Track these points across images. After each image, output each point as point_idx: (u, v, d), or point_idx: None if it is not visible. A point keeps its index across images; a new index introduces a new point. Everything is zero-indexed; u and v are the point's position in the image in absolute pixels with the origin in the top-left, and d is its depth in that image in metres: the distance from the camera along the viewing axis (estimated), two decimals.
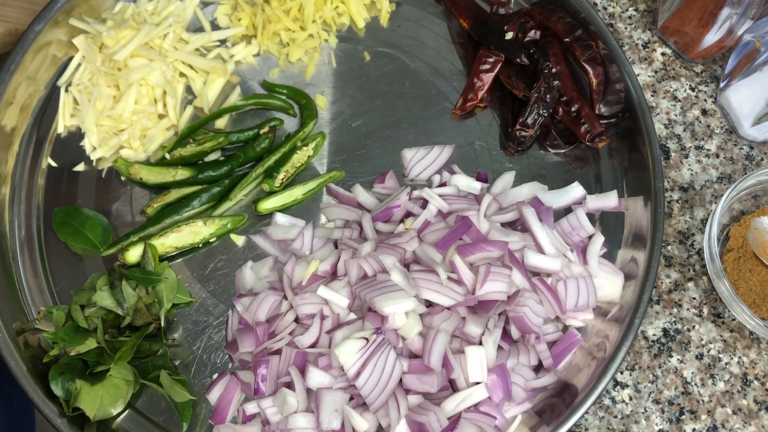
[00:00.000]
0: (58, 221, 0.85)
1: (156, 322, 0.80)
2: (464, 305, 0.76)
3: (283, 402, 0.74)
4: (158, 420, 0.79)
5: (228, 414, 0.78)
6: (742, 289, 0.85)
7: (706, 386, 0.85)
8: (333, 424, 0.73)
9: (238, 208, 0.89)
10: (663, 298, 0.88)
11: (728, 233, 0.89)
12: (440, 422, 0.72)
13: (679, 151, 0.95)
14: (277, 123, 0.92)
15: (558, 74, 0.91)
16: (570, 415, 0.75)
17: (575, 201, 0.88)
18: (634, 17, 1.03)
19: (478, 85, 0.92)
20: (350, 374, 0.71)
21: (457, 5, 0.96)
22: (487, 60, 0.92)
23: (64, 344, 0.76)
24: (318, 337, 0.77)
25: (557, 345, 0.81)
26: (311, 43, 0.95)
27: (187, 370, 0.81)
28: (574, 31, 0.93)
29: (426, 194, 0.84)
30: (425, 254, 0.78)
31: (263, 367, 0.76)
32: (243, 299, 0.82)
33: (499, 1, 0.97)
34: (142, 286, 0.80)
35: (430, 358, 0.72)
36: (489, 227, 0.81)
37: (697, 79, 0.99)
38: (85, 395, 0.75)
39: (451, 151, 0.91)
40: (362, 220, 0.83)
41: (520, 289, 0.77)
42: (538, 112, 0.89)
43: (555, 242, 0.82)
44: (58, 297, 0.84)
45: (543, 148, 0.92)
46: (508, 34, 0.93)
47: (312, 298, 0.78)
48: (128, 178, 0.87)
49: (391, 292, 0.74)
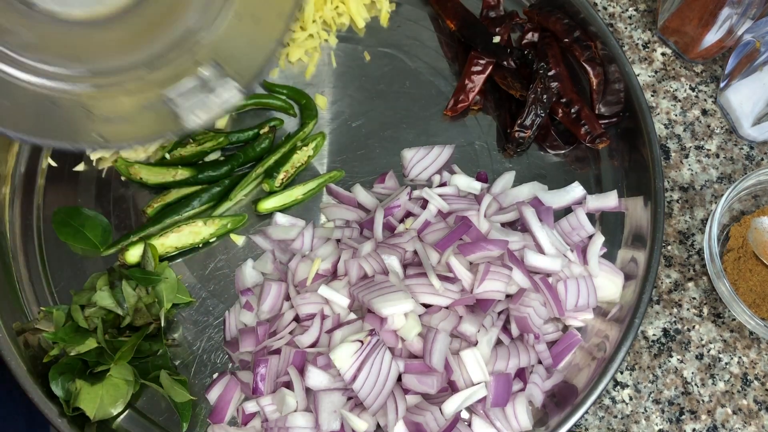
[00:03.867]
0: (58, 221, 0.85)
1: (156, 322, 0.80)
2: (462, 304, 0.76)
3: (282, 402, 0.74)
4: (158, 420, 0.79)
5: (227, 414, 0.78)
6: (742, 289, 0.85)
7: (706, 386, 0.85)
8: (332, 425, 0.73)
9: (238, 208, 0.89)
10: (663, 298, 0.88)
11: (728, 233, 0.89)
12: (437, 422, 0.72)
13: (679, 151, 0.95)
14: (277, 123, 0.92)
15: (557, 75, 0.91)
16: (570, 415, 0.75)
17: (575, 201, 0.88)
18: (634, 17, 1.03)
19: (469, 87, 0.92)
20: (347, 377, 0.71)
21: (444, 7, 0.96)
22: (478, 62, 0.92)
23: (64, 344, 0.77)
24: (318, 337, 0.77)
25: (557, 345, 0.81)
26: (311, 43, 0.95)
27: (187, 370, 0.81)
28: (573, 31, 0.93)
29: (426, 194, 0.84)
30: (425, 254, 0.78)
31: (262, 367, 0.76)
32: (248, 294, 0.82)
33: (489, 4, 0.97)
34: (142, 286, 0.80)
35: (432, 359, 0.72)
36: (489, 227, 0.81)
37: (697, 79, 0.99)
38: (85, 395, 0.75)
39: (451, 151, 0.91)
40: (375, 214, 0.83)
41: (525, 290, 0.77)
42: (535, 113, 0.89)
43: (555, 242, 0.82)
44: (58, 297, 0.84)
45: (543, 149, 0.93)
46: (496, 38, 0.92)
47: (313, 298, 0.78)
48: (128, 178, 0.87)
49: (389, 293, 0.74)
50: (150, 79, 0.71)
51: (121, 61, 0.70)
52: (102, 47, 0.71)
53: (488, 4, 0.97)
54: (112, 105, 0.70)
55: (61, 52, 0.69)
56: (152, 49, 0.71)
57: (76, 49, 0.70)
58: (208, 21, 0.71)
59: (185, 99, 0.70)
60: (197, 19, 0.70)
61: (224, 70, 0.70)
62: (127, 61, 0.70)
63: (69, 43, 0.70)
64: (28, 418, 0.91)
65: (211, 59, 0.71)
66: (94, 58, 0.70)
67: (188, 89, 0.70)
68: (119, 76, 0.70)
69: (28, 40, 0.68)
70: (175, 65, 0.71)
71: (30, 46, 0.68)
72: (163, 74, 0.71)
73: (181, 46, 0.71)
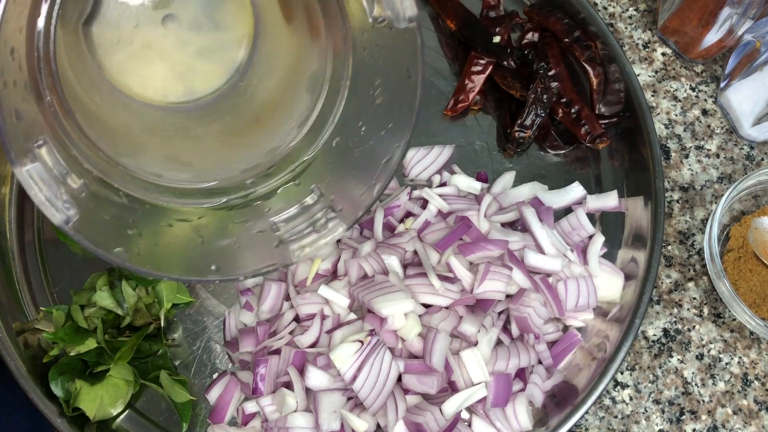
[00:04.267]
0: None
1: (156, 322, 0.80)
2: (462, 304, 0.76)
3: (282, 402, 0.74)
4: (158, 420, 0.79)
5: (227, 414, 0.78)
6: (742, 289, 0.85)
7: (707, 386, 0.85)
8: (332, 426, 0.73)
9: None
10: (663, 298, 0.88)
11: (728, 233, 0.89)
12: (437, 422, 0.72)
13: (679, 151, 0.95)
14: None
15: (557, 75, 0.91)
16: (570, 415, 0.75)
17: (575, 201, 0.88)
18: (635, 17, 1.03)
19: (469, 87, 0.92)
20: (347, 378, 0.71)
21: (444, 7, 0.96)
22: (478, 62, 0.92)
23: (64, 344, 0.77)
24: (318, 337, 0.77)
25: (557, 345, 0.81)
26: None
27: (187, 370, 0.81)
28: (573, 31, 0.93)
29: (426, 194, 0.84)
30: (425, 254, 0.78)
31: (262, 367, 0.76)
32: (248, 294, 0.82)
33: (489, 4, 0.97)
34: (142, 286, 0.80)
35: (432, 359, 0.72)
36: (489, 227, 0.81)
37: (697, 79, 0.99)
38: (85, 395, 0.75)
39: (451, 151, 0.91)
40: (375, 214, 0.83)
41: (525, 290, 0.77)
42: (536, 113, 0.89)
43: (555, 242, 0.82)
44: (58, 297, 0.84)
45: (543, 149, 0.92)
46: (496, 38, 0.92)
47: (313, 298, 0.78)
48: None
49: (389, 293, 0.74)
50: (252, 196, 0.69)
51: (222, 166, 0.69)
52: (200, 145, 0.69)
53: (488, 4, 0.97)
54: (220, 227, 0.68)
55: (165, 152, 0.68)
56: (250, 158, 0.69)
57: (177, 147, 0.69)
58: (307, 141, 0.69)
59: (290, 226, 0.68)
60: (293, 134, 0.69)
61: (327, 200, 0.68)
62: (228, 167, 0.69)
63: (168, 139, 0.69)
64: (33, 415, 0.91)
65: (313, 184, 0.68)
66: (196, 159, 0.69)
67: (292, 215, 0.68)
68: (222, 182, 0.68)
69: (135, 140, 0.67)
70: (275, 183, 0.70)
71: (138, 148, 0.67)
72: (264, 191, 0.69)
73: (279, 161, 0.69)
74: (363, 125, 0.68)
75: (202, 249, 0.66)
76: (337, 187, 0.69)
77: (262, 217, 0.69)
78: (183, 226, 0.66)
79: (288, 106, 0.71)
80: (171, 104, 0.72)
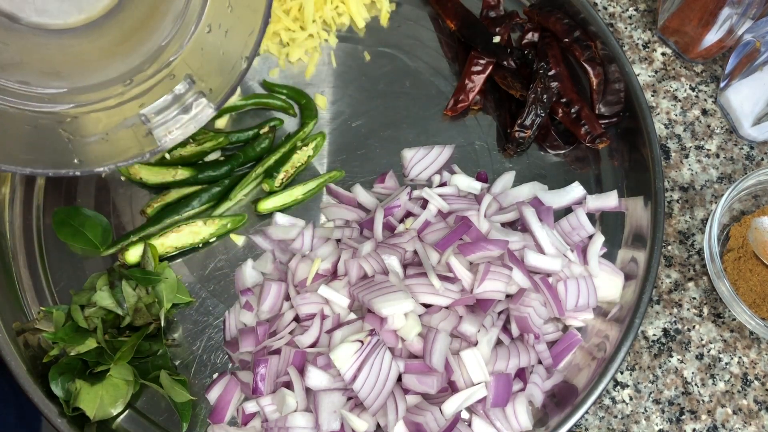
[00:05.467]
0: (58, 221, 0.85)
1: (156, 322, 0.80)
2: (462, 304, 0.76)
3: (282, 402, 0.74)
4: (158, 420, 0.79)
5: (227, 414, 0.78)
6: (742, 289, 0.85)
7: (707, 386, 0.85)
8: (332, 425, 0.73)
9: (238, 208, 0.89)
10: (663, 298, 0.88)
11: (728, 233, 0.89)
12: (437, 422, 0.72)
13: (679, 151, 0.95)
14: (277, 123, 0.92)
15: (557, 75, 0.91)
16: (570, 415, 0.75)
17: (575, 201, 0.88)
18: (635, 17, 1.03)
19: (469, 87, 0.92)
20: (347, 378, 0.71)
21: (444, 7, 0.96)
22: (478, 62, 0.92)
23: (64, 344, 0.77)
24: (318, 337, 0.77)
25: (557, 345, 0.81)
26: (311, 43, 0.95)
27: (187, 370, 0.81)
28: (573, 31, 0.93)
29: (426, 194, 0.84)
30: (425, 254, 0.78)
31: (262, 367, 0.76)
32: (248, 294, 0.82)
33: (489, 4, 0.97)
34: (142, 286, 0.80)
35: (432, 359, 0.72)
36: (489, 227, 0.81)
37: (697, 79, 0.99)
38: (85, 395, 0.75)
39: (451, 151, 0.91)
40: (375, 214, 0.83)
41: (525, 290, 0.77)
42: (536, 113, 0.89)
43: (555, 242, 0.82)
44: (58, 297, 0.84)
45: (543, 149, 0.93)
46: (496, 38, 0.92)
47: (313, 298, 0.78)
48: (128, 178, 0.87)
49: (389, 293, 0.74)
50: (128, 96, 0.72)
51: (99, 75, 0.71)
52: (81, 60, 0.71)
53: (488, 4, 0.97)
54: (92, 125, 0.70)
55: (41, 68, 0.70)
56: (129, 62, 0.72)
57: (56, 63, 0.70)
58: (181, 33, 0.72)
59: (161, 116, 0.72)
60: (170, 30, 0.72)
61: (197, 86, 0.71)
62: (106, 75, 0.72)
63: (49, 57, 0.70)
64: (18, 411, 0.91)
65: (185, 74, 0.72)
66: (74, 72, 0.71)
67: (164, 106, 0.72)
68: (99, 93, 0.71)
69: (11, 59, 0.68)
70: (151, 80, 0.72)
71: (12, 65, 0.68)
72: (140, 90, 0.72)
73: (157, 59, 0.72)
74: (230, 7, 0.72)
75: (66, 145, 0.69)
76: (206, 72, 0.73)
77: (134, 114, 0.71)
78: (48, 123, 0.69)
79: (167, 6, 0.74)
80: (68, 26, 0.74)
